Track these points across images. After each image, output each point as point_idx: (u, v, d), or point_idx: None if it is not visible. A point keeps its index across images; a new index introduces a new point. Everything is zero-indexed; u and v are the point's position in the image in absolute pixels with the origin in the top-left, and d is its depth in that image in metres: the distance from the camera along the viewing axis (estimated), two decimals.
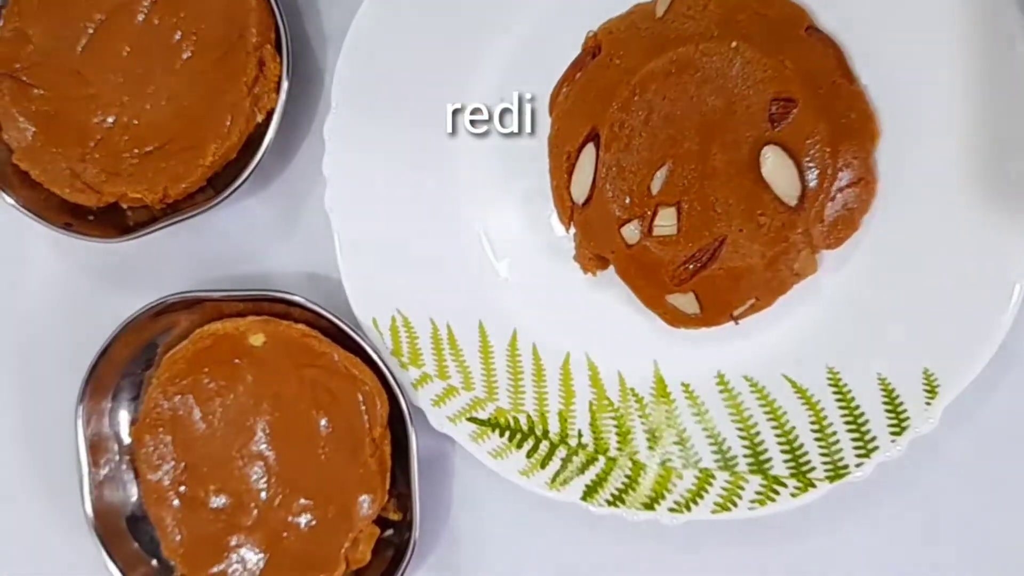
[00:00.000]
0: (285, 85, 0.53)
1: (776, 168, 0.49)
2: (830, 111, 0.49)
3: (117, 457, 0.56)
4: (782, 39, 0.50)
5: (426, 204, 0.55)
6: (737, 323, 0.51)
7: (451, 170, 0.55)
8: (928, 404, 0.49)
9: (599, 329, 0.54)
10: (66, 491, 0.55)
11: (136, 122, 0.54)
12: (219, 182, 0.55)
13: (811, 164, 0.49)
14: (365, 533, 0.54)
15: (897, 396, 0.49)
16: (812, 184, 0.49)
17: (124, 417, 0.56)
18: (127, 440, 0.56)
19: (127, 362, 0.56)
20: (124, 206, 0.56)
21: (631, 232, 0.51)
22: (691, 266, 0.50)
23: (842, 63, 0.49)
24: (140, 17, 0.54)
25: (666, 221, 0.50)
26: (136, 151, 0.54)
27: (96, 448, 0.55)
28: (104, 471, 0.55)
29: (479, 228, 0.55)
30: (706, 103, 0.49)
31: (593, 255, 0.53)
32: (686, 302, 0.51)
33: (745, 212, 0.49)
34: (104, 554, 0.54)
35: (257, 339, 0.55)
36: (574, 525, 0.54)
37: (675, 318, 0.52)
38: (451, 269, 0.55)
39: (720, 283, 0.50)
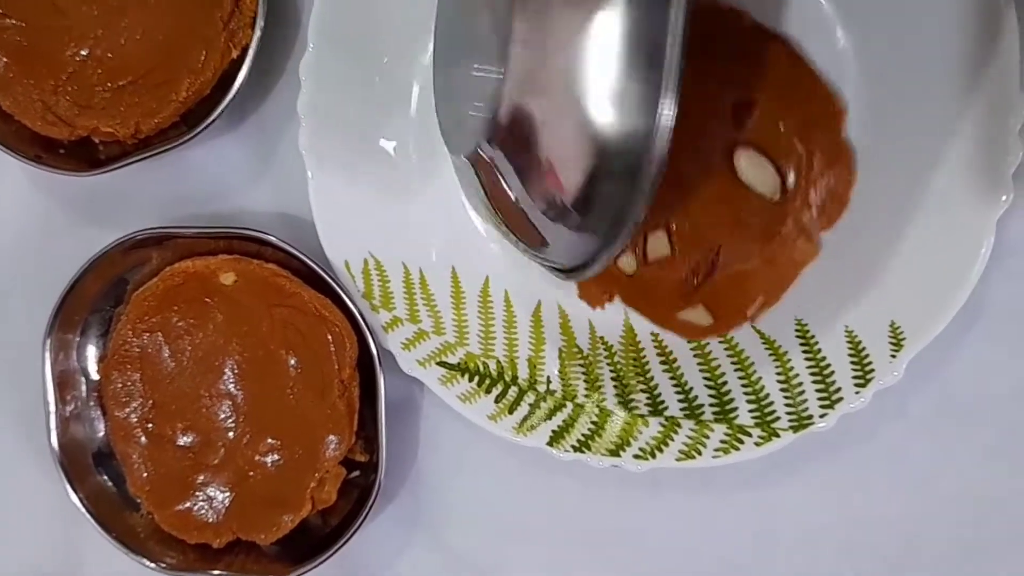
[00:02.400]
0: (260, 21, 0.52)
1: (751, 168, 0.50)
2: (791, 101, 0.50)
3: (84, 393, 0.56)
4: (730, 44, 0.50)
5: (402, 147, 0.54)
6: (754, 323, 0.52)
7: (427, 114, 0.54)
8: (893, 357, 0.49)
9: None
10: (33, 426, 0.54)
11: (110, 55, 0.53)
12: (192, 118, 0.54)
13: (784, 157, 0.50)
14: (331, 474, 0.54)
15: (863, 349, 0.50)
16: (790, 175, 0.50)
17: (92, 353, 0.56)
18: (95, 376, 0.56)
19: (96, 298, 0.55)
20: (96, 140, 0.55)
21: (628, 263, 0.52)
22: (695, 280, 0.51)
23: (791, 52, 0.50)
24: None
25: (658, 245, 0.52)
26: (109, 85, 0.54)
27: (63, 383, 0.55)
28: (71, 407, 0.55)
29: (454, 176, 0.55)
30: None
31: (598, 290, 0.53)
32: (698, 316, 0.52)
33: (732, 217, 0.50)
34: (68, 488, 0.54)
35: (228, 278, 0.54)
36: (539, 470, 0.54)
37: (691, 332, 0.52)
38: (425, 214, 0.55)
39: (726, 290, 0.52)
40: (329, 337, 0.53)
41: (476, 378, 0.53)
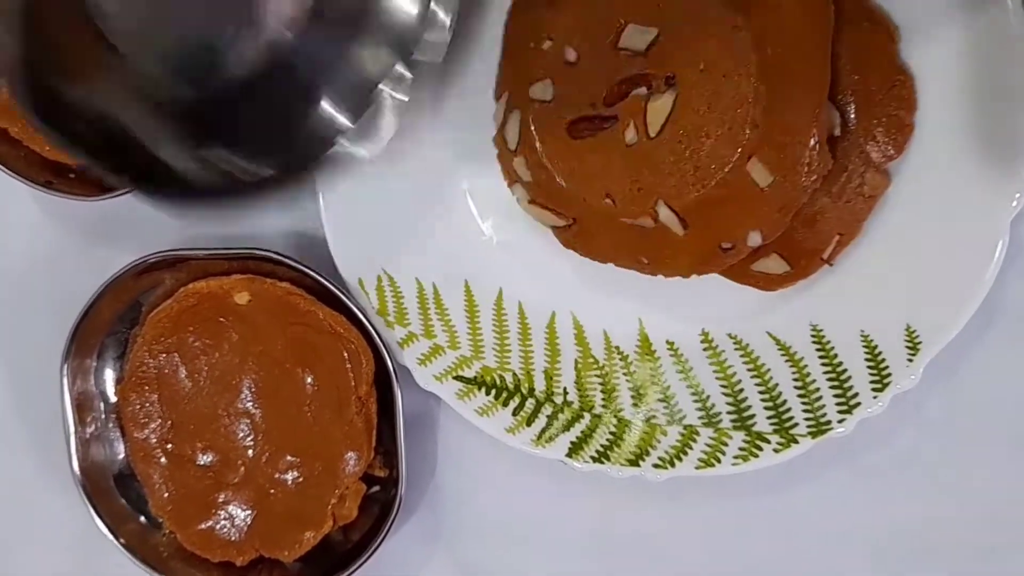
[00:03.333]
0: None
1: None
2: (840, 30, 0.48)
3: (103, 415, 0.56)
4: None
5: (412, 162, 0.54)
6: (832, 265, 0.50)
7: (437, 128, 0.54)
8: (910, 361, 0.49)
9: (584, 288, 0.54)
10: (53, 450, 0.55)
11: None
12: None
13: (840, 88, 0.48)
14: (351, 490, 0.54)
15: (880, 353, 0.50)
16: (849, 107, 0.49)
17: (110, 375, 0.56)
18: (113, 398, 0.56)
19: (112, 321, 0.56)
20: None
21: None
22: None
23: None
24: None
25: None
26: None
27: (82, 406, 0.55)
28: (90, 429, 0.55)
29: (464, 187, 0.55)
30: None
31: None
32: (773, 264, 0.51)
33: None
34: (92, 511, 0.54)
35: (242, 297, 0.54)
36: (559, 481, 0.54)
37: (769, 282, 0.51)
38: (437, 228, 0.54)
39: (799, 234, 0.50)
40: (345, 354, 0.53)
41: (493, 391, 0.53)
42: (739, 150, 0.47)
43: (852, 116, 0.49)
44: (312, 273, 0.53)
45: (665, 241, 0.50)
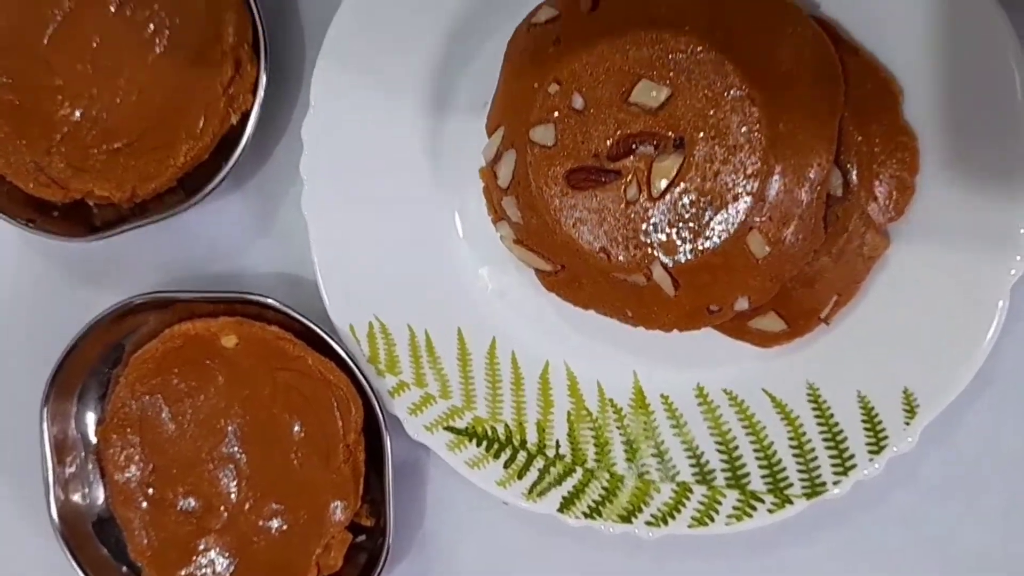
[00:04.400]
0: (262, 89, 0.51)
1: None
2: (845, 90, 0.48)
3: (83, 457, 0.55)
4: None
5: (406, 208, 0.53)
6: (828, 324, 0.50)
7: (431, 174, 0.53)
8: (907, 424, 0.49)
9: (578, 338, 0.53)
10: (31, 492, 0.53)
11: (105, 116, 0.52)
12: (189, 182, 0.53)
13: (844, 148, 0.48)
14: (337, 539, 0.53)
15: (876, 415, 0.49)
16: (851, 167, 0.48)
17: (91, 418, 0.55)
18: (94, 441, 0.55)
19: (94, 362, 0.54)
20: (91, 203, 0.54)
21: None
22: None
23: (838, 40, 0.48)
24: (112, 8, 0.52)
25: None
26: (104, 147, 0.52)
27: (61, 448, 0.54)
28: (70, 470, 0.54)
29: (459, 234, 0.54)
30: None
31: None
32: (770, 322, 0.50)
33: None
34: (70, 559, 0.53)
35: (229, 340, 0.53)
36: (549, 535, 0.53)
37: (765, 339, 0.51)
38: (430, 275, 0.54)
39: (797, 293, 0.50)
40: (334, 401, 0.52)
41: (484, 443, 0.52)
42: (741, 221, 0.47)
43: (854, 176, 0.49)
44: (301, 318, 0.52)
45: (654, 298, 0.49)
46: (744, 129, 0.46)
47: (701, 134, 0.46)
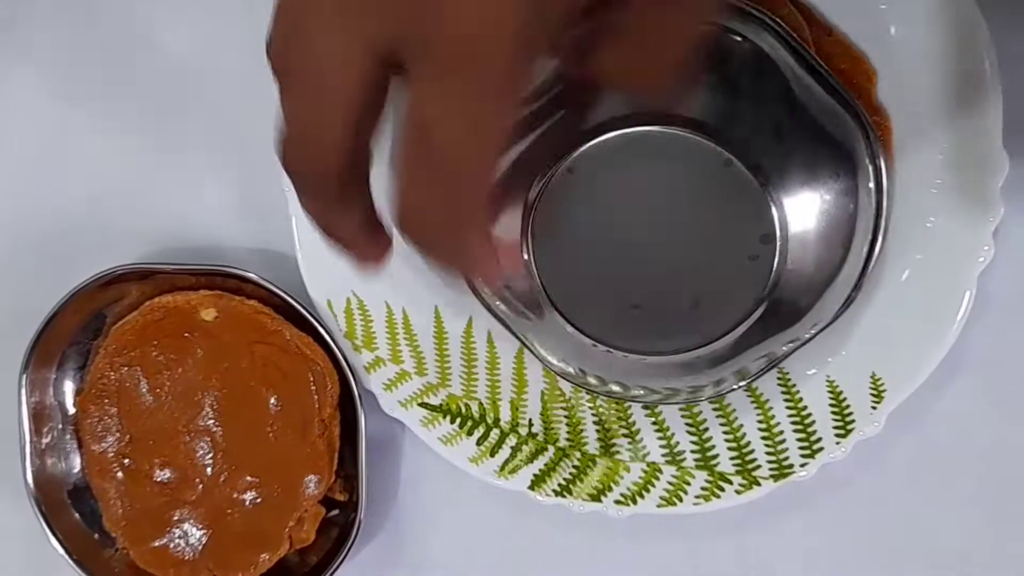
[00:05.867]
0: None
1: None
2: None
3: (60, 427, 0.55)
4: None
5: (386, 183, 0.54)
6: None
7: None
8: (874, 408, 0.49)
9: None
10: (7, 459, 0.54)
11: None
12: None
13: None
14: (310, 513, 0.53)
15: (844, 400, 0.50)
16: None
17: (69, 387, 0.55)
18: (72, 410, 0.55)
19: (74, 331, 0.55)
20: None
21: None
22: None
23: (812, 20, 0.49)
24: None
25: None
26: None
27: (39, 417, 0.54)
28: (47, 440, 0.54)
29: None
30: None
31: None
32: None
33: None
34: (44, 525, 0.53)
35: (209, 313, 0.54)
36: (521, 512, 0.54)
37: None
38: (409, 253, 0.54)
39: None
40: (310, 376, 0.53)
41: (458, 420, 0.53)
42: None
43: None
44: (280, 292, 0.53)
45: None
46: None
47: None
